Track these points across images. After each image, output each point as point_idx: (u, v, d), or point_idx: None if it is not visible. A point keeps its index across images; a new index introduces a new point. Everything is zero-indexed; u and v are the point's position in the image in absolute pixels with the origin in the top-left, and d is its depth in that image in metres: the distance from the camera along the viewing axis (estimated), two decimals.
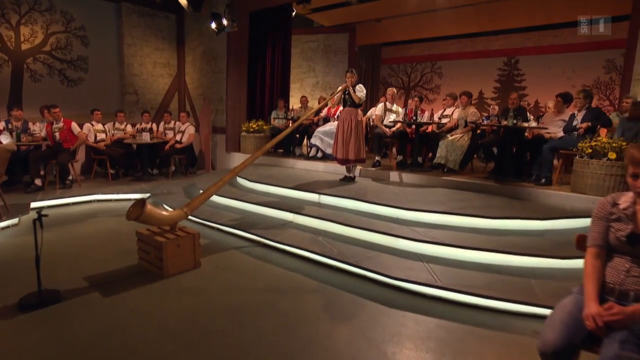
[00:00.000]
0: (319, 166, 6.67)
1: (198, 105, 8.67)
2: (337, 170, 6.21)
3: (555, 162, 5.37)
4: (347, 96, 5.54)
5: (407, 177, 5.76)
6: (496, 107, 8.76)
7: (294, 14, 8.82)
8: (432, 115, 6.27)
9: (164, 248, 3.40)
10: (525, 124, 5.41)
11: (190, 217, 4.85)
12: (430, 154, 7.14)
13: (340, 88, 5.53)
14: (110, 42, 8.04)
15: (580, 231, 2.07)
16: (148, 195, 6.23)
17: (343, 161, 5.56)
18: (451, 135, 5.98)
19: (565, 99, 5.52)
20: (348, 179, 5.71)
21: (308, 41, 10.74)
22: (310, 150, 7.24)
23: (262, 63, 8.50)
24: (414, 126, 6.57)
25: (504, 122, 5.44)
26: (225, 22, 6.88)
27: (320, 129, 7.17)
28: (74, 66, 7.61)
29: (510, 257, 3.42)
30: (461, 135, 5.90)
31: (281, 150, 8.09)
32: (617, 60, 9.03)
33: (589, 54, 9.36)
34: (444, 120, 6.45)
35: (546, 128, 5.40)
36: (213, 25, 6.91)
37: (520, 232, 3.91)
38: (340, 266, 3.62)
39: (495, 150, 6.24)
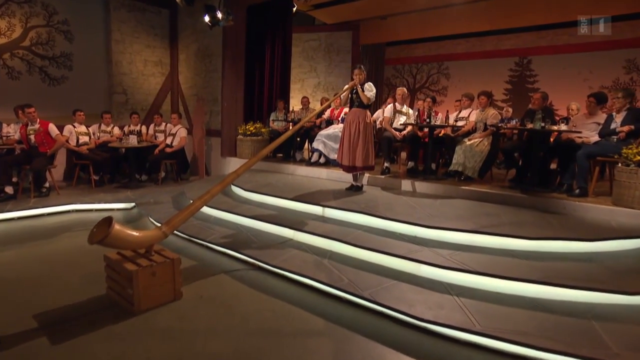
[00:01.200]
0: (322, 173, 6.00)
1: (192, 107, 8.01)
2: (342, 177, 5.55)
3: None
4: (354, 95, 4.89)
5: (421, 186, 5.10)
6: (510, 110, 8.09)
7: (294, 9, 8.18)
8: (447, 117, 5.61)
9: (135, 278, 2.72)
10: (555, 127, 4.76)
11: (175, 232, 4.19)
12: (442, 160, 6.50)
13: (346, 86, 4.87)
14: (97, 38, 7.38)
15: (636, 254, 1.40)
16: (132, 204, 5.56)
17: (349, 168, 4.90)
18: (469, 140, 5.32)
19: (599, 100, 4.86)
20: (355, 188, 5.04)
21: (309, 40, 10.09)
22: (312, 156, 6.57)
23: (261, 61, 7.84)
24: (426, 129, 5.94)
25: (530, 125, 4.78)
26: (219, 15, 6.22)
27: (323, 132, 6.51)
28: (56, 63, 6.94)
29: (561, 291, 2.75)
30: (480, 139, 5.24)
31: (280, 155, 7.42)
32: (638, 60, 8.39)
33: (608, 54, 8.70)
34: (459, 123, 5.79)
35: (579, 132, 4.73)
36: (206, 19, 6.26)
37: (564, 256, 3.24)
38: (352, 299, 2.95)
39: (515, 156, 5.59)
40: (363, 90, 4.79)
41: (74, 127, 6.35)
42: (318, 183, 5.56)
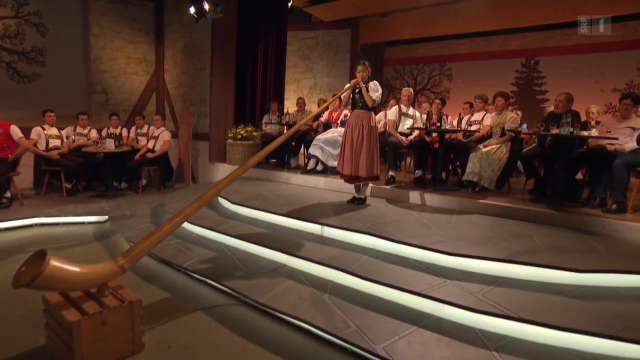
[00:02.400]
0: (319, 182, 5.33)
1: (178, 108, 7.30)
2: (342, 187, 4.89)
3: None
4: (357, 96, 4.23)
5: (431, 198, 4.44)
6: (519, 113, 7.48)
7: (290, 3, 7.52)
8: (459, 121, 4.97)
9: (77, 331, 2.04)
10: (585, 133, 4.14)
11: (149, 253, 3.49)
12: (452, 168, 5.86)
13: (348, 85, 4.21)
14: (74, 32, 6.66)
15: None
16: (105, 218, 4.85)
17: (351, 179, 4.23)
18: (484, 146, 4.68)
19: (636, 101, 4.23)
20: (357, 201, 4.37)
21: (305, 38, 9.42)
22: (308, 162, 5.90)
23: (253, 59, 7.17)
24: (434, 134, 5.30)
25: (554, 130, 4.16)
26: (207, 6, 5.54)
27: (320, 136, 5.84)
28: (27, 59, 6.21)
29: (630, 347, 2.10)
30: (498, 146, 4.61)
31: (274, 161, 6.74)
32: None
33: (621, 54, 8.14)
34: (472, 128, 5.15)
35: (615, 138, 4.09)
36: (192, 10, 5.58)
37: (620, 294, 2.59)
38: (362, 354, 2.27)
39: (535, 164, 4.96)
40: (367, 90, 4.13)
41: (44, 129, 5.63)
42: (315, 194, 4.89)
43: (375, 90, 4.15)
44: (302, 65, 9.59)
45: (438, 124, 4.75)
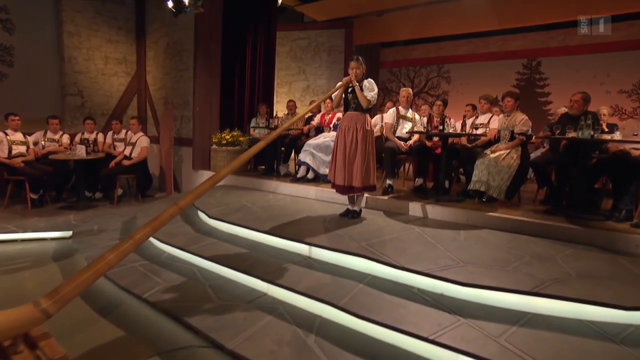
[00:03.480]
0: (310, 191, 4.79)
1: (161, 111, 6.75)
2: (334, 198, 4.35)
3: None
4: (350, 96, 3.71)
5: (433, 210, 3.91)
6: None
7: (280, 1, 7.00)
8: (463, 124, 4.46)
9: None
10: (608, 136, 3.63)
11: (108, 278, 2.94)
12: (455, 175, 5.34)
13: (340, 84, 3.68)
14: (46, 30, 6.10)
15: None
16: (70, 233, 4.28)
17: (344, 189, 3.69)
18: (492, 152, 4.16)
19: None
20: (351, 214, 3.83)
21: (297, 38, 8.92)
22: (298, 170, 5.36)
23: (241, 60, 6.64)
24: (435, 138, 4.78)
25: (571, 134, 3.66)
26: None
27: (311, 141, 5.30)
28: None
29: None
30: (507, 151, 4.09)
31: (263, 168, 6.20)
32: None
33: (628, 54, 7.66)
34: (478, 131, 4.64)
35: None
36: (170, 4, 5.03)
37: None
38: None
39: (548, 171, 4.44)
40: (362, 89, 3.61)
41: (6, 134, 5.06)
42: (305, 205, 4.35)
43: (370, 90, 3.63)
44: (294, 67, 9.08)
45: (440, 127, 4.24)
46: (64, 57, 6.19)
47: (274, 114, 6.35)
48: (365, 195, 4.18)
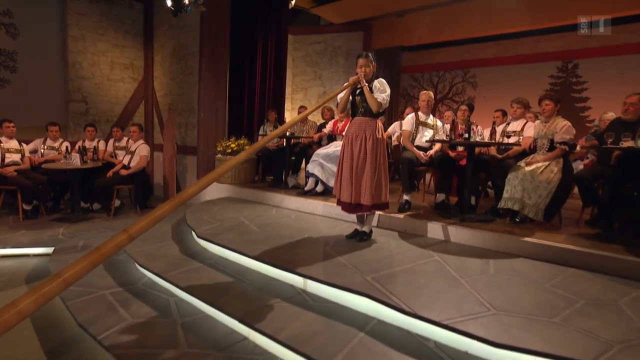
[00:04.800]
0: (317, 207, 4.24)
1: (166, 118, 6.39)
2: (343, 215, 3.77)
3: None
4: (358, 98, 3.16)
5: (457, 232, 3.29)
6: None
7: (292, 2, 6.55)
8: (493, 131, 3.82)
9: None
10: None
11: (66, 306, 2.48)
12: (482, 189, 4.68)
13: (346, 84, 3.14)
14: (50, 34, 5.85)
15: None
16: (52, 249, 3.88)
17: (351, 207, 3.13)
18: (527, 164, 3.52)
19: None
20: (360, 236, 3.26)
21: (313, 42, 8.45)
22: (307, 182, 4.83)
23: (251, 64, 6.22)
24: (460, 148, 4.17)
25: (628, 142, 3.00)
26: None
27: (321, 150, 4.78)
28: None
29: None
30: (546, 164, 3.44)
31: (271, 178, 5.70)
32: None
33: None
34: (511, 140, 3.99)
35: None
36: (169, 3, 4.64)
37: None
38: None
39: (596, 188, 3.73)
40: (371, 91, 3.06)
41: (0, 142, 4.78)
42: (309, 223, 3.81)
43: (381, 91, 3.06)
44: (309, 73, 8.62)
45: (465, 136, 3.62)
46: (68, 62, 5.92)
47: (284, 121, 5.86)
48: (378, 212, 3.60)
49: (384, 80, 3.13)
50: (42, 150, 5.31)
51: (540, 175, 3.38)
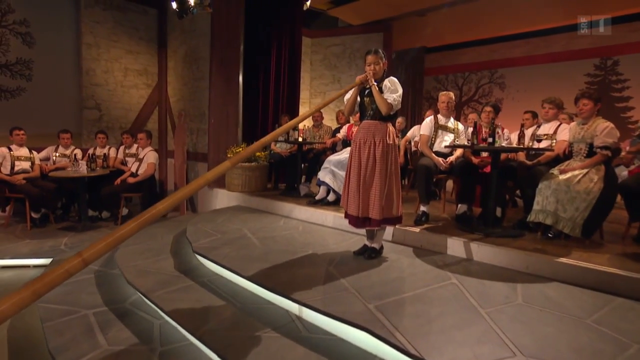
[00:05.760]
0: (327, 218, 3.92)
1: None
2: (353, 227, 3.43)
3: None
4: (367, 99, 2.83)
5: (480, 249, 2.89)
6: None
7: (308, 3, 6.30)
8: (522, 135, 3.39)
9: None
10: None
11: (43, 327, 2.26)
12: (509, 197, 4.23)
13: (352, 83, 2.82)
14: (65, 42, 5.82)
15: None
16: (50, 260, 3.73)
17: (359, 221, 2.79)
18: (562, 172, 3.07)
19: None
20: (369, 253, 2.91)
21: (331, 45, 8.15)
22: (319, 190, 4.52)
23: (266, 68, 6.00)
24: (484, 154, 3.76)
25: None
26: None
27: (333, 157, 4.46)
28: (10, 72, 5.42)
29: None
30: (584, 172, 2.98)
31: (284, 186, 5.43)
32: None
33: None
34: (542, 144, 3.54)
35: None
36: (174, 5, 4.46)
37: None
38: None
39: None
40: (381, 91, 2.73)
41: (10, 150, 4.72)
42: (316, 236, 3.49)
43: (392, 91, 2.72)
44: (328, 76, 8.32)
45: (490, 140, 3.21)
46: (81, 70, 5.87)
47: (302, 126, 5.58)
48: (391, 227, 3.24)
49: (395, 79, 2.79)
50: (54, 158, 5.25)
51: (577, 184, 2.93)
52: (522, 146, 3.35)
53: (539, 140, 3.51)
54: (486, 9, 6.85)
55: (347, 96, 2.88)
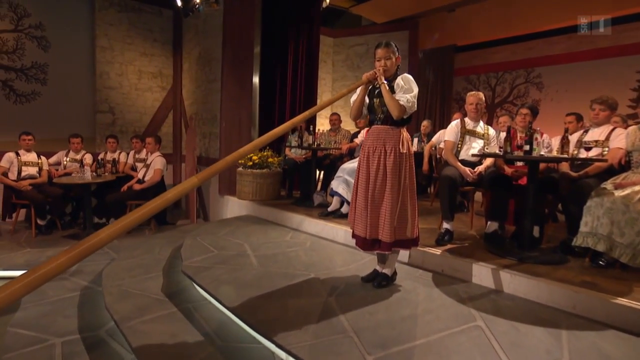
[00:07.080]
0: (338, 233, 3.48)
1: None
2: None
3: None
4: (376, 100, 2.39)
5: (514, 280, 2.37)
6: None
7: (327, 0, 5.90)
8: (564, 141, 2.83)
9: None
10: None
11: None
12: (548, 211, 3.64)
13: (360, 81, 2.40)
14: (80, 45, 5.69)
15: None
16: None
17: (366, 243, 2.35)
18: (617, 187, 2.51)
19: None
20: (378, 280, 2.45)
21: (354, 45, 7.72)
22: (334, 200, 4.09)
23: (282, 69, 5.66)
24: (519, 163, 3.23)
25: None
26: None
27: (346, 165, 4.04)
28: (25, 76, 5.34)
29: None
30: None
31: (299, 194, 5.04)
32: None
33: None
34: (591, 154, 2.96)
35: None
36: (178, 3, 4.17)
37: None
38: None
39: None
40: (392, 91, 2.28)
41: (18, 155, 4.58)
42: (323, 255, 3.07)
43: (406, 90, 2.27)
44: (350, 77, 7.89)
45: (526, 148, 2.68)
46: (95, 73, 5.73)
47: (318, 130, 5.20)
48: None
49: (409, 77, 2.34)
50: (64, 163, 5.11)
51: (638, 203, 2.36)
52: (566, 155, 2.80)
53: (587, 148, 2.93)
54: (522, 3, 6.22)
55: (353, 97, 2.45)
